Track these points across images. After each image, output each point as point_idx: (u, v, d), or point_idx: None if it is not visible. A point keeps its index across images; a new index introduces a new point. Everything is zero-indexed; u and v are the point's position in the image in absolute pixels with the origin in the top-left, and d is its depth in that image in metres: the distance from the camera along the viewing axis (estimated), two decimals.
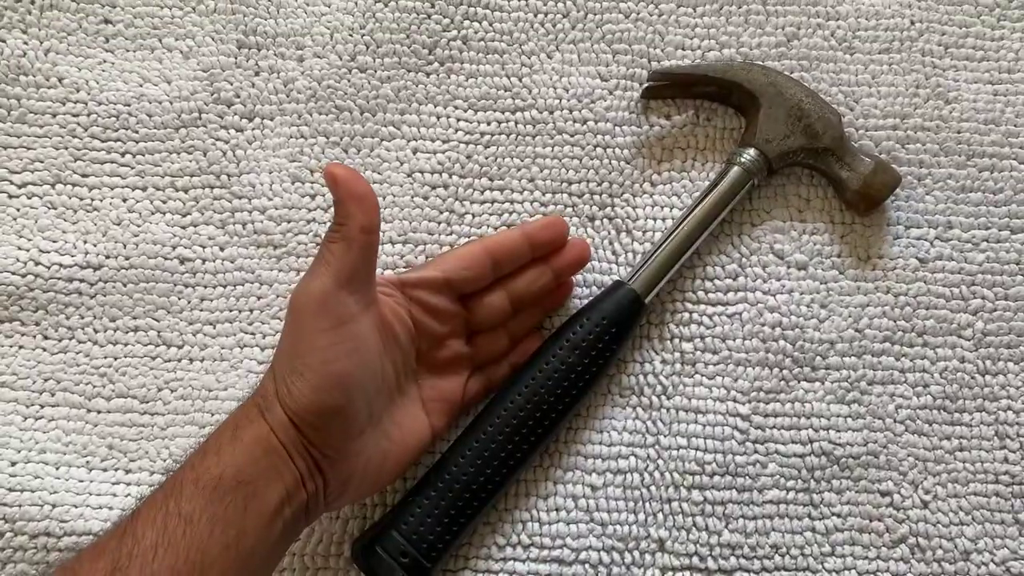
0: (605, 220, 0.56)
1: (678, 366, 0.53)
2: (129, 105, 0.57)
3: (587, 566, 0.50)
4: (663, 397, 0.53)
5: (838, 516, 0.52)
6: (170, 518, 0.39)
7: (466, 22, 0.59)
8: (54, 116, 0.57)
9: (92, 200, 0.56)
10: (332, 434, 0.42)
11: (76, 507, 0.51)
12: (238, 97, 0.57)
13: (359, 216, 0.42)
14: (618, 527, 0.51)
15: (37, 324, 0.54)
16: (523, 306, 0.52)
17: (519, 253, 0.50)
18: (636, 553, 0.51)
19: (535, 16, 0.59)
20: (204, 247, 0.55)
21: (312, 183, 0.56)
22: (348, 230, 0.42)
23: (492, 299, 0.50)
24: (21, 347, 0.54)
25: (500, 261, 0.50)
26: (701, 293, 0.55)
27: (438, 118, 0.57)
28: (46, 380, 0.53)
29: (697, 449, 0.52)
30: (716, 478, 0.52)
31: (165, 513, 0.39)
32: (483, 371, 0.52)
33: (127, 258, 0.55)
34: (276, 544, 0.42)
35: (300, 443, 0.42)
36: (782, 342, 0.54)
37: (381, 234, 0.55)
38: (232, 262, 0.55)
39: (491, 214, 0.56)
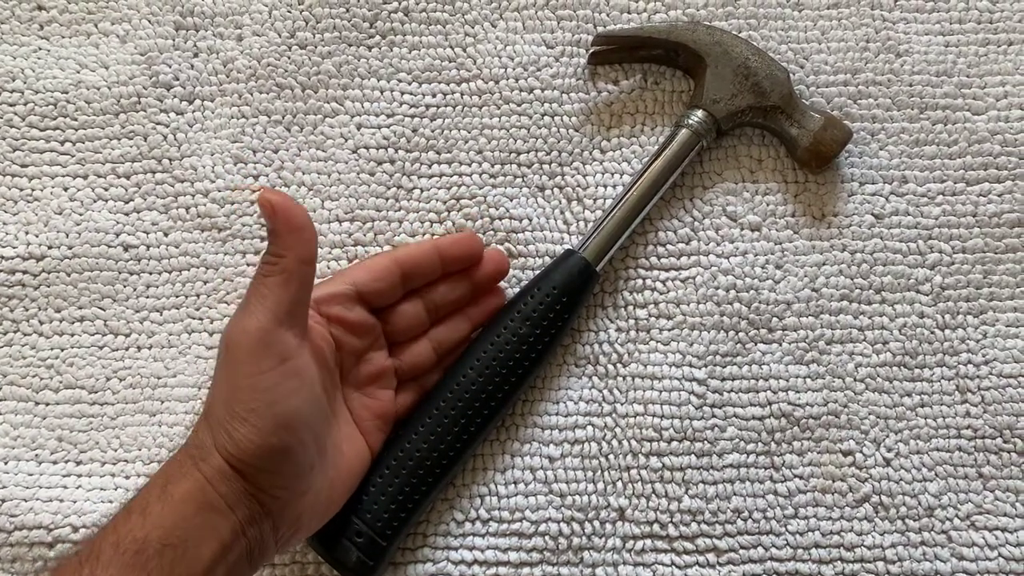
0: (555, 189, 0.55)
1: (633, 333, 0.53)
2: (67, 92, 0.56)
3: (547, 538, 0.50)
4: (619, 365, 0.52)
5: (800, 478, 0.51)
6: None
7: None
8: None
9: (33, 190, 0.55)
10: (282, 475, 0.40)
11: (26, 501, 0.50)
12: (177, 80, 0.56)
13: (298, 248, 0.39)
14: (577, 497, 0.50)
15: None
16: (442, 315, 0.49)
17: (429, 268, 0.48)
18: (596, 523, 0.50)
19: None
20: (148, 233, 0.54)
21: (255, 163, 0.55)
22: (287, 263, 0.39)
23: (406, 307, 0.48)
24: None
25: (410, 274, 0.47)
26: (654, 259, 0.54)
27: (382, 92, 0.56)
28: None
29: (654, 416, 0.51)
30: (674, 444, 0.51)
31: None
32: (416, 381, 0.50)
33: (70, 247, 0.54)
34: None
35: (242, 491, 0.39)
36: (737, 304, 0.53)
37: (327, 212, 0.55)
38: (177, 247, 0.54)
39: (439, 188, 0.55)
